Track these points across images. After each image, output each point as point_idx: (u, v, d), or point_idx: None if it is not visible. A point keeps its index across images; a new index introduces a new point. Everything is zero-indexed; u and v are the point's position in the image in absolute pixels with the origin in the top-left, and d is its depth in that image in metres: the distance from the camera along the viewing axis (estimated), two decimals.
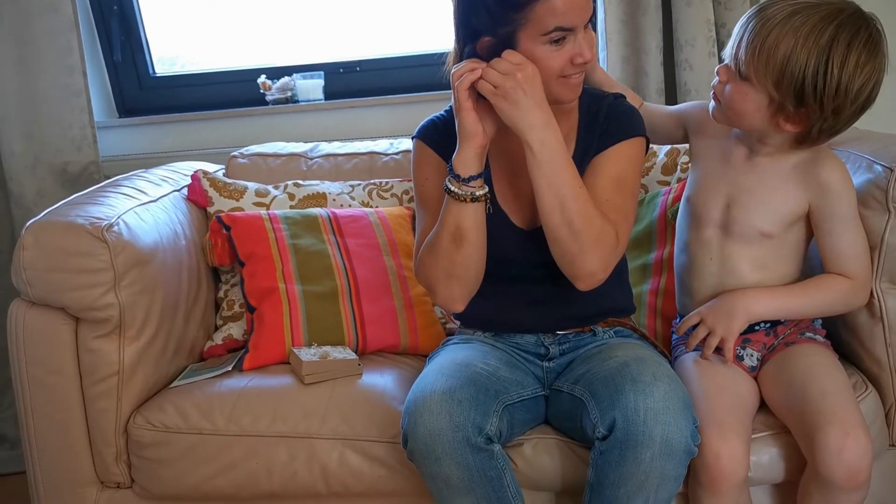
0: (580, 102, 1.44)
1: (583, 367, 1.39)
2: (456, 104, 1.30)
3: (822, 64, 1.24)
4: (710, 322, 1.38)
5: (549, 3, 1.25)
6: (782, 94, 1.28)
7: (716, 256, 1.46)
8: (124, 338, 1.55)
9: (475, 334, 1.53)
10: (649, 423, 1.19)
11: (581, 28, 1.29)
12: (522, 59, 1.26)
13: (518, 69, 1.25)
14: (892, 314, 1.44)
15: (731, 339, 1.36)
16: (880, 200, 1.41)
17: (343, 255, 1.78)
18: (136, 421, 1.55)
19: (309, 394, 1.54)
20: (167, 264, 1.65)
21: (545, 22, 1.26)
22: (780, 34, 1.25)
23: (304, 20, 2.46)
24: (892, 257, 1.42)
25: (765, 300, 1.39)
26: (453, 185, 1.32)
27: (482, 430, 1.25)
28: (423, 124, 1.50)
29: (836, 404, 1.29)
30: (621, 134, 1.39)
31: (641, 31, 2.04)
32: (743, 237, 1.43)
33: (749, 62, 1.29)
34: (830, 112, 1.28)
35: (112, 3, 2.39)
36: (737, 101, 1.34)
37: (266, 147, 2.12)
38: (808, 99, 1.27)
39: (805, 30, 1.24)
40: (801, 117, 1.31)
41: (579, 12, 1.27)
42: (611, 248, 1.31)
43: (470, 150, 1.30)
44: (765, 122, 1.34)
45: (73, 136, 2.26)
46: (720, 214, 1.45)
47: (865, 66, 1.26)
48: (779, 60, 1.26)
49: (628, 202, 1.38)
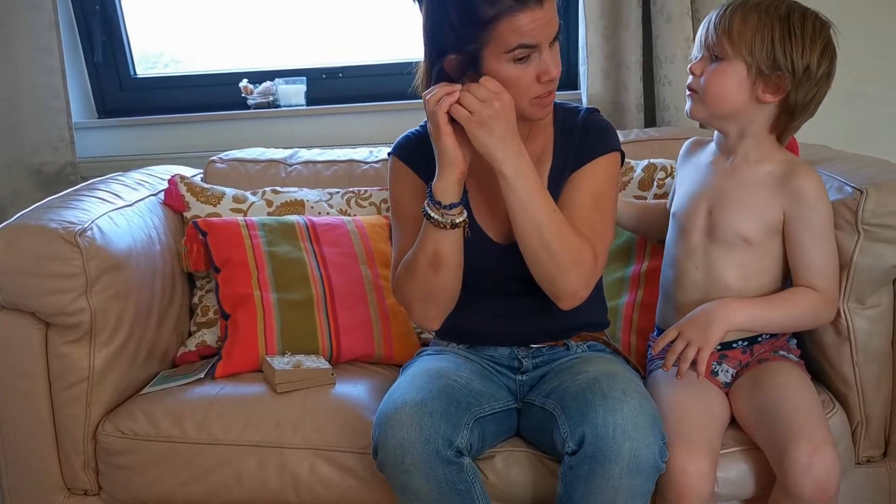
0: (554, 117, 1.45)
1: (555, 380, 1.39)
2: (435, 129, 1.29)
3: (786, 30, 1.36)
4: (688, 333, 1.37)
5: (513, 22, 1.24)
6: (757, 59, 1.37)
7: (701, 264, 1.47)
8: (95, 343, 1.54)
9: (449, 346, 1.53)
10: (618, 438, 1.20)
11: (546, 45, 1.29)
12: (500, 87, 1.26)
13: (496, 98, 1.25)
14: (860, 334, 1.46)
15: (707, 348, 1.36)
16: (850, 221, 1.43)
17: (319, 263, 1.78)
18: (105, 428, 1.54)
19: (281, 403, 1.54)
20: (141, 269, 1.64)
21: (509, 40, 1.26)
22: (744, 11, 1.38)
23: (287, 25, 2.46)
24: (861, 278, 1.44)
25: (741, 309, 1.39)
26: (433, 212, 1.31)
27: (452, 442, 1.25)
28: (399, 141, 1.50)
29: (806, 421, 1.31)
30: (598, 149, 1.40)
31: (622, 46, 2.06)
32: (726, 242, 1.45)
33: (722, 40, 1.39)
34: (803, 74, 1.37)
35: (94, 3, 2.38)
36: (717, 82, 1.40)
37: (245, 153, 2.11)
38: (780, 61, 1.36)
39: (763, 6, 1.38)
40: (778, 83, 1.38)
41: (543, 30, 1.27)
42: (590, 268, 1.33)
43: (451, 177, 1.30)
44: (745, 96, 1.40)
45: (50, 137, 2.24)
46: (704, 221, 1.47)
47: (821, 33, 1.38)
48: (748, 30, 1.37)
49: (606, 219, 1.39)
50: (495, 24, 1.25)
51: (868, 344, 1.47)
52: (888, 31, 2.06)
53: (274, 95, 2.36)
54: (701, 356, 1.35)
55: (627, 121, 2.09)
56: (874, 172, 1.49)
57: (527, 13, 1.25)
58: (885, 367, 1.48)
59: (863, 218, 1.41)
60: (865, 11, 1.98)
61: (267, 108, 2.35)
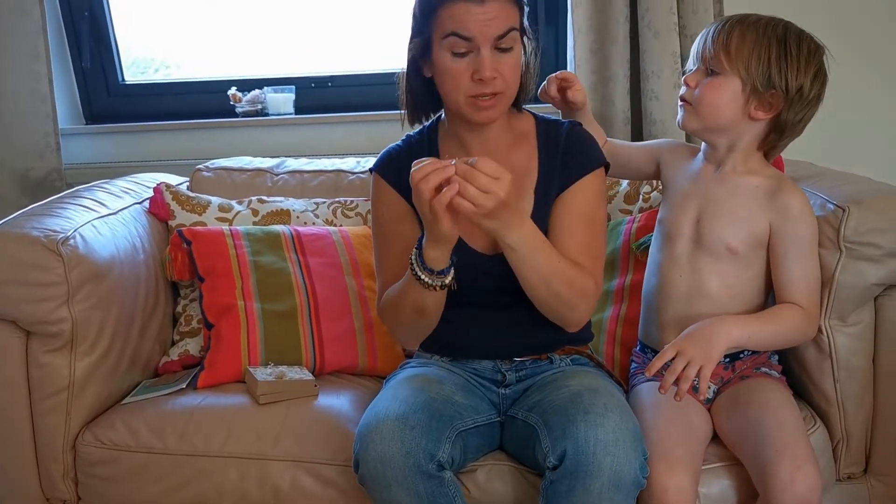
0: (537, 129, 1.46)
1: (538, 394, 1.39)
2: (432, 216, 1.21)
3: (782, 50, 1.39)
4: (689, 352, 1.33)
5: (448, 8, 1.31)
6: (753, 76, 1.39)
7: (686, 272, 1.48)
8: (76, 352, 1.53)
9: (433, 358, 1.53)
10: (599, 454, 1.20)
11: (486, 45, 1.31)
12: (497, 168, 1.19)
13: (498, 186, 1.18)
14: (841, 351, 1.47)
15: (709, 366, 1.33)
16: (832, 239, 1.44)
17: (304, 273, 1.78)
18: (84, 438, 1.53)
19: (263, 414, 1.53)
20: (124, 278, 1.63)
21: (444, 25, 1.32)
22: (743, 28, 1.40)
23: (277, 33, 2.46)
24: (843, 295, 1.44)
25: (739, 325, 1.38)
26: (423, 275, 1.29)
27: (434, 456, 1.25)
28: (381, 157, 1.50)
29: (788, 438, 1.31)
30: (584, 167, 1.42)
31: (609, 61, 2.07)
32: (711, 250, 1.46)
33: (719, 55, 1.40)
34: (796, 94, 1.39)
35: (83, 9, 2.37)
36: (711, 95, 1.42)
37: (232, 161, 2.11)
38: (775, 80, 1.38)
39: (761, 25, 1.40)
40: (771, 101, 1.40)
41: (477, 24, 1.30)
42: (593, 296, 1.38)
43: (444, 250, 1.28)
44: (737, 112, 1.42)
45: (36, 143, 2.23)
46: (691, 229, 1.48)
47: (815, 55, 1.40)
48: (746, 47, 1.39)
49: (600, 239, 1.43)
50: (438, 9, 1.33)
51: (849, 361, 1.47)
52: (872, 49, 2.10)
53: (262, 104, 2.36)
54: (703, 374, 1.32)
55: (614, 134, 2.09)
56: (856, 190, 1.50)
57: (462, 4, 1.30)
58: (865, 384, 1.49)
59: (845, 236, 1.42)
60: (846, 33, 2.01)
61: (255, 116, 2.35)
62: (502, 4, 1.32)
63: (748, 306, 1.46)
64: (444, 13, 1.32)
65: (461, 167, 1.18)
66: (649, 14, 2.01)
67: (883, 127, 2.14)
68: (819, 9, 2.04)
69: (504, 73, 1.34)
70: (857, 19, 2.10)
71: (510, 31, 1.33)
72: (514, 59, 1.35)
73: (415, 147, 1.49)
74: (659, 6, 1.99)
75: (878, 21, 2.11)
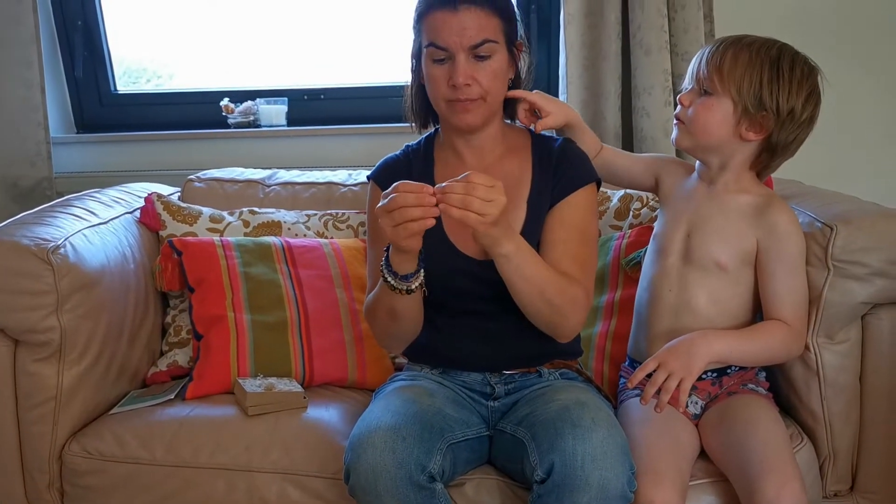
0: (532, 144, 1.49)
1: (526, 408, 1.39)
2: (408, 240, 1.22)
3: (775, 72, 1.40)
4: (671, 364, 1.36)
5: (428, 20, 1.39)
6: (744, 98, 1.41)
7: (675, 287, 1.49)
8: (64, 362, 1.52)
9: (423, 371, 1.53)
10: (587, 467, 1.20)
11: (461, 52, 1.36)
12: (489, 177, 1.21)
13: (498, 192, 1.20)
14: (828, 368, 1.48)
15: (690, 379, 1.36)
16: (820, 257, 1.45)
17: (295, 285, 1.78)
18: (71, 448, 1.53)
19: (252, 426, 1.53)
20: (114, 288, 1.63)
21: (426, 36, 1.40)
22: (737, 49, 1.42)
23: (270, 45, 2.47)
24: (830, 313, 1.46)
25: (720, 340, 1.41)
26: (391, 279, 1.31)
27: (425, 468, 1.25)
28: (379, 165, 1.53)
29: (774, 455, 1.32)
30: (577, 181, 1.44)
31: (601, 77, 2.08)
32: (700, 266, 1.47)
33: (712, 75, 1.43)
34: (787, 116, 1.40)
35: (76, 18, 2.38)
36: (703, 116, 1.44)
37: (224, 172, 2.10)
38: (766, 102, 1.40)
39: (756, 46, 1.42)
40: (762, 122, 1.42)
41: (451, 35, 1.36)
42: (584, 306, 1.39)
43: (410, 259, 1.29)
44: (729, 132, 1.43)
45: (27, 151, 2.23)
46: (681, 244, 1.50)
47: (808, 78, 1.42)
48: (738, 69, 1.41)
49: (591, 252, 1.45)
50: (422, 19, 1.40)
51: (836, 379, 1.48)
52: (862, 69, 2.12)
53: (255, 115, 2.36)
54: (683, 387, 1.35)
55: None
56: (845, 209, 1.52)
57: (439, 14, 1.37)
58: (852, 402, 1.50)
59: (832, 254, 1.44)
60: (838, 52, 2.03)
61: (247, 127, 2.35)
62: (477, 14, 1.36)
63: (735, 322, 1.47)
64: (425, 24, 1.39)
65: (459, 185, 1.19)
66: (641, 32, 2.03)
67: (868, 149, 2.16)
68: (810, 28, 2.06)
69: (480, 80, 1.38)
70: (849, 38, 2.12)
71: (485, 42, 1.36)
72: (492, 67, 1.38)
73: (412, 157, 1.53)
74: (650, 24, 2.01)
75: (868, 42, 2.13)
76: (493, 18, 1.38)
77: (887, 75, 2.15)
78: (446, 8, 1.36)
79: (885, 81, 2.15)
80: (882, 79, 2.14)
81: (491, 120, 1.45)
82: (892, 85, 2.15)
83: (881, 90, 2.15)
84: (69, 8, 2.37)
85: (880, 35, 2.14)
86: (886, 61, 2.14)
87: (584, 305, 1.39)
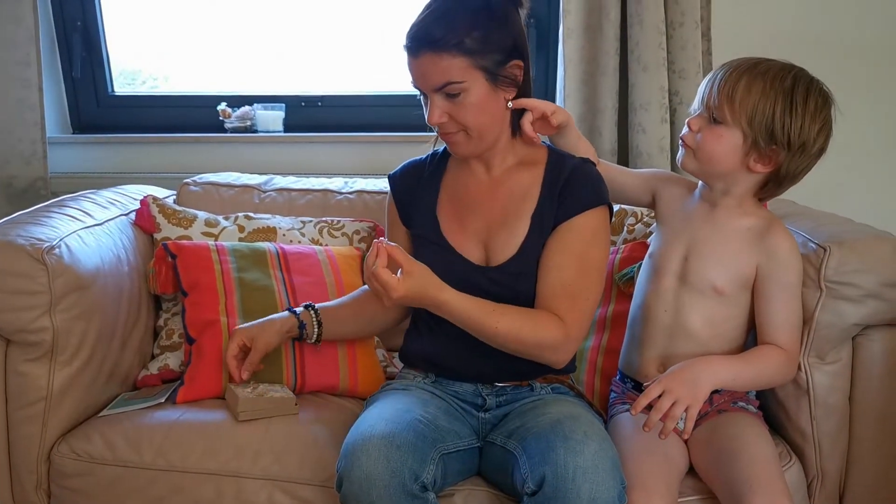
0: (548, 159, 1.49)
1: (517, 420, 1.40)
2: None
3: (788, 104, 1.36)
4: (677, 391, 1.33)
5: (408, 62, 1.40)
6: (755, 131, 1.37)
7: (670, 308, 1.49)
8: (55, 362, 1.52)
9: (415, 380, 1.53)
10: (578, 480, 1.20)
11: (431, 94, 1.39)
12: (387, 280, 1.30)
13: (387, 296, 1.32)
14: (819, 389, 1.49)
15: (696, 406, 1.34)
16: (813, 278, 1.46)
17: (288, 291, 1.78)
18: (60, 449, 1.52)
19: (242, 431, 1.52)
20: (107, 290, 1.62)
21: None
22: (750, 78, 1.38)
23: (269, 50, 2.47)
24: (822, 334, 1.46)
25: (724, 367, 1.40)
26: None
27: (418, 477, 1.25)
28: (402, 166, 1.61)
29: (763, 473, 1.32)
30: (582, 202, 1.43)
31: (599, 92, 2.09)
32: (697, 289, 1.47)
33: (723, 104, 1.39)
34: (798, 149, 1.37)
35: (76, 19, 2.38)
36: (712, 144, 1.41)
37: (220, 176, 2.10)
38: (777, 136, 1.37)
39: (770, 75, 1.38)
40: (771, 155, 1.39)
41: (417, 78, 1.40)
42: (557, 345, 1.39)
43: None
44: (737, 163, 1.41)
45: (22, 150, 2.22)
46: (678, 265, 1.49)
47: (822, 110, 1.38)
48: (751, 100, 1.37)
49: (589, 282, 1.42)
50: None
51: (826, 399, 1.49)
52: (855, 92, 2.14)
53: (252, 120, 2.36)
54: (690, 413, 1.33)
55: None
56: (838, 230, 1.53)
57: (407, 56, 1.40)
58: (842, 422, 1.51)
59: (825, 275, 1.44)
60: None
61: (244, 132, 2.35)
62: (436, 59, 1.35)
63: (729, 346, 1.48)
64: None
65: (368, 270, 1.32)
66: (639, 48, 2.04)
67: (861, 172, 2.16)
68: (806, 45, 2.07)
69: (456, 116, 1.40)
70: (845, 55, 2.13)
71: (448, 83, 1.37)
72: (467, 102, 1.38)
73: (428, 162, 1.58)
74: (648, 41, 2.03)
75: (864, 59, 2.15)
76: (456, 59, 1.35)
77: (883, 93, 2.16)
78: (409, 53, 1.39)
79: (881, 100, 2.16)
80: (878, 97, 2.15)
81: (484, 147, 1.45)
82: (888, 103, 2.17)
83: (877, 109, 2.15)
84: (69, 8, 2.37)
85: (875, 53, 2.15)
86: (882, 79, 2.16)
87: (558, 345, 1.39)
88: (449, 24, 1.35)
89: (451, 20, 1.35)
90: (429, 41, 1.35)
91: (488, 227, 1.47)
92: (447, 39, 1.34)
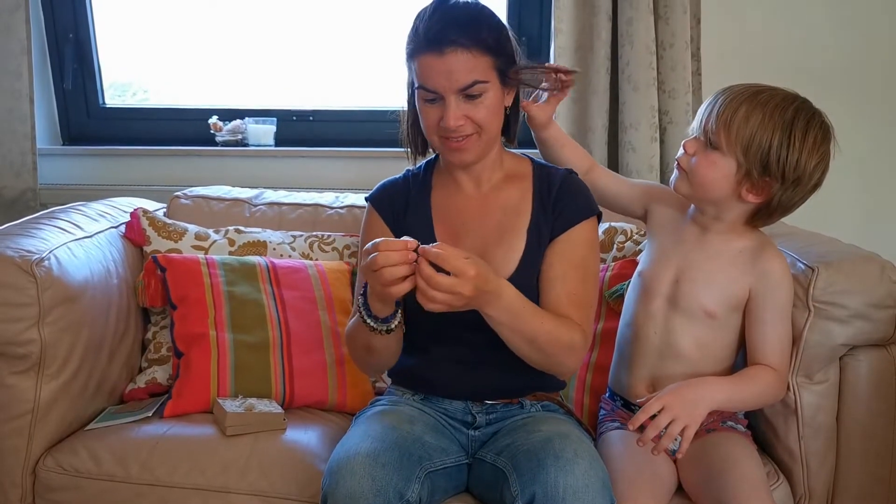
0: (534, 173, 1.50)
1: (507, 438, 1.39)
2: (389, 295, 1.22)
3: (786, 138, 1.34)
4: (675, 410, 1.33)
5: (418, 62, 1.36)
6: (749, 161, 1.36)
7: (660, 330, 1.49)
8: (42, 375, 1.51)
9: (404, 396, 1.53)
10: (568, 499, 1.21)
11: (451, 95, 1.34)
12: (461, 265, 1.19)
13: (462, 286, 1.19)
14: (807, 408, 1.49)
15: (694, 427, 1.33)
16: (801, 298, 1.47)
17: (278, 306, 1.77)
18: (46, 462, 1.51)
19: (230, 446, 1.51)
20: (96, 302, 1.61)
21: (416, 77, 1.38)
22: (750, 108, 1.35)
23: (260, 65, 2.48)
24: (810, 354, 1.47)
25: (724, 390, 1.39)
26: (370, 321, 1.30)
27: (403, 495, 1.24)
28: (378, 188, 1.54)
29: (751, 492, 1.32)
30: (577, 213, 1.44)
31: (589, 111, 2.11)
32: (688, 312, 1.47)
33: (720, 131, 1.37)
34: (791, 183, 1.36)
35: (68, 31, 2.38)
36: (705, 169, 1.40)
37: (210, 190, 2.10)
38: (772, 168, 1.35)
39: (770, 105, 1.35)
40: (763, 187, 1.38)
41: (438, 79, 1.34)
42: (580, 348, 1.38)
43: (391, 304, 1.29)
44: (728, 191, 1.40)
45: (12, 161, 2.22)
46: (669, 288, 1.49)
47: (821, 145, 1.36)
48: (748, 130, 1.35)
49: (591, 289, 1.44)
50: (412, 60, 1.38)
51: (814, 418, 1.50)
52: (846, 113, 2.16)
53: (243, 134, 2.36)
54: (687, 434, 1.33)
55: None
56: (826, 251, 1.54)
57: (426, 57, 1.34)
58: (829, 441, 1.51)
59: (813, 295, 1.45)
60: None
61: (235, 146, 2.36)
62: (465, 57, 1.33)
63: (719, 366, 1.48)
64: (414, 65, 1.37)
65: (425, 271, 1.18)
66: (629, 68, 2.06)
67: (848, 193, 2.17)
68: (794, 65, 2.09)
69: (474, 118, 1.37)
70: (834, 76, 2.15)
71: (475, 83, 1.34)
72: (485, 104, 1.37)
73: (411, 182, 1.53)
74: (639, 61, 2.04)
75: (853, 80, 2.16)
76: (482, 57, 1.35)
77: (872, 113, 2.17)
78: (432, 51, 1.33)
79: (869, 119, 2.17)
80: (862, 114, 2.16)
81: (487, 151, 1.45)
82: (876, 124, 2.18)
83: (866, 129, 2.17)
84: (61, 20, 2.37)
85: (865, 74, 2.17)
86: (871, 100, 2.17)
87: (580, 348, 1.37)
88: (475, 23, 1.35)
89: (475, 19, 1.36)
90: (464, 37, 1.33)
91: (484, 244, 1.47)
92: (478, 37, 1.34)
